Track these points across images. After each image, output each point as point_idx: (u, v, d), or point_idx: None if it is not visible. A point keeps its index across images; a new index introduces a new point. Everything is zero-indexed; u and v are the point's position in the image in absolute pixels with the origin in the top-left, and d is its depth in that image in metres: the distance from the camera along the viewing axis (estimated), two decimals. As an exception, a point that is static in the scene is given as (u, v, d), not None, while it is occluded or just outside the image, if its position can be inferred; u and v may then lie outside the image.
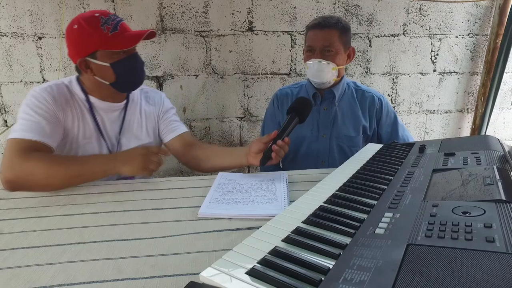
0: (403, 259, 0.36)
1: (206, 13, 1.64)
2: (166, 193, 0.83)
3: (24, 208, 0.75)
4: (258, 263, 0.41)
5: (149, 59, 1.64)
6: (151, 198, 0.80)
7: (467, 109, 2.09)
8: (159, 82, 1.70)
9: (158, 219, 0.69)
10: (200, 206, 0.74)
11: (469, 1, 1.89)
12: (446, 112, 2.07)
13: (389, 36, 1.85)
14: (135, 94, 1.09)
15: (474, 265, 0.33)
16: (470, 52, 1.98)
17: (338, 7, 1.75)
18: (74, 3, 1.53)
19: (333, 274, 0.36)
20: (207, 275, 0.39)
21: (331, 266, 0.40)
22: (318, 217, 0.54)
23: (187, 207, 0.75)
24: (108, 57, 0.92)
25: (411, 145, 1.00)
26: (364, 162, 0.88)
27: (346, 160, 1.24)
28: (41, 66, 1.59)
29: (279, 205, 0.74)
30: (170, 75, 1.70)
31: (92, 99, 0.99)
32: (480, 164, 0.68)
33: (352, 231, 0.48)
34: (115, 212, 0.72)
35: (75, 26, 0.91)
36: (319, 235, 0.48)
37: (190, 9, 1.62)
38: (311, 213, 0.56)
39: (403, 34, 1.86)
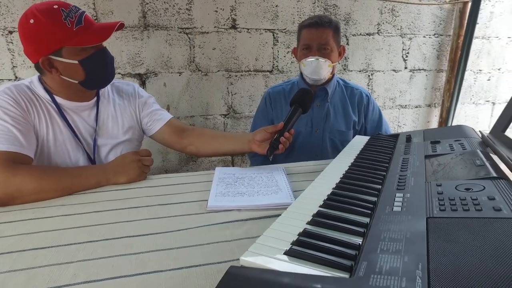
0: (427, 230, 0.40)
1: (190, 10, 1.63)
2: (168, 189, 0.83)
3: (19, 210, 0.72)
4: (292, 244, 0.44)
5: (131, 56, 1.60)
6: (154, 195, 0.79)
7: (435, 103, 2.25)
8: (142, 79, 1.65)
9: (167, 214, 0.69)
10: (205, 200, 0.75)
11: (434, 4, 2.04)
12: (416, 107, 2.22)
13: (364, 35, 1.95)
14: (106, 89, 1.02)
15: (489, 230, 0.38)
16: (436, 51, 2.14)
17: (318, 6, 1.82)
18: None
19: (368, 247, 0.39)
20: (247, 258, 0.40)
21: (359, 243, 0.43)
22: (334, 201, 0.57)
23: (193, 202, 0.75)
24: (76, 54, 0.85)
25: (395, 136, 1.07)
26: (358, 152, 0.93)
27: (338, 152, 1.29)
28: (12, 63, 1.48)
29: (284, 195, 0.76)
30: (153, 72, 1.66)
31: (59, 99, 0.92)
32: (466, 149, 0.76)
33: (368, 211, 0.52)
34: (120, 209, 0.71)
35: (32, 21, 0.81)
36: (340, 216, 0.51)
37: (173, 6, 1.60)
38: (326, 198, 0.59)
39: (377, 33, 1.97)
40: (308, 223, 0.50)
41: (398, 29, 2.00)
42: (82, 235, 0.60)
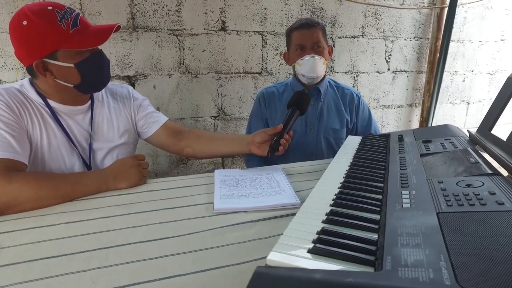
0: (440, 224, 0.43)
1: (179, 11, 1.61)
2: (170, 193, 0.82)
3: (17, 219, 0.69)
4: (313, 242, 0.45)
5: (120, 58, 1.56)
6: (157, 199, 0.79)
7: (415, 103, 2.36)
8: (131, 82, 1.62)
9: (175, 218, 0.69)
10: (210, 203, 0.76)
11: (414, 8, 2.14)
12: (399, 107, 2.31)
13: (350, 38, 2.01)
14: (100, 92, 1.00)
15: (496, 222, 0.42)
16: (416, 53, 2.24)
17: (305, 9, 1.86)
18: (32, -4, 1.39)
19: (389, 242, 0.41)
20: (274, 258, 0.42)
21: (375, 238, 0.46)
22: (343, 199, 0.60)
23: (198, 205, 0.76)
24: (71, 57, 0.83)
25: (386, 136, 1.12)
26: (354, 152, 0.96)
27: (332, 151, 1.34)
28: (-8, 65, 1.41)
29: (288, 195, 0.78)
30: (142, 74, 1.64)
31: (52, 103, 0.89)
32: (457, 147, 0.81)
33: (377, 209, 0.55)
34: (126, 215, 0.70)
35: (25, 22, 0.79)
36: (352, 214, 0.53)
37: (163, 7, 1.58)
38: (335, 197, 0.61)
39: (362, 36, 2.04)
40: (324, 221, 0.52)
41: (381, 32, 2.07)
42: (92, 242, 0.59)
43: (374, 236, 0.47)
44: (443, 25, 2.15)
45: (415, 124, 2.41)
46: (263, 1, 1.76)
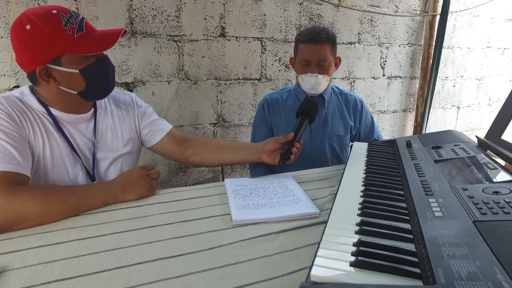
0: (481, 234, 0.43)
1: (179, 17, 1.59)
2: (182, 205, 0.79)
3: (22, 236, 0.65)
4: (353, 255, 0.44)
5: (118, 64, 1.53)
6: (169, 211, 0.76)
7: (409, 108, 2.40)
8: (129, 88, 1.58)
9: (192, 232, 0.66)
10: (227, 214, 0.74)
11: (407, 16, 2.19)
12: (394, 112, 2.35)
13: (346, 44, 2.03)
14: (103, 100, 0.97)
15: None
16: (410, 59, 2.28)
17: (303, 15, 1.87)
18: (27, 0, 1.34)
19: (433, 253, 0.40)
20: (318, 273, 0.40)
21: (413, 248, 0.45)
22: (369, 208, 0.59)
23: (214, 216, 0.73)
24: (76, 62, 0.80)
25: (391, 142, 1.13)
26: (364, 158, 0.96)
27: (336, 157, 1.34)
28: (-17, 72, 1.35)
29: (306, 205, 0.77)
30: (141, 81, 1.60)
31: (54, 111, 0.85)
32: (469, 153, 0.81)
33: (406, 217, 0.55)
34: (141, 229, 0.67)
35: (28, 27, 0.75)
36: (383, 224, 0.52)
37: (162, 13, 1.56)
38: (360, 206, 0.60)
39: (358, 42, 2.07)
40: (357, 232, 0.51)
41: (376, 38, 2.11)
42: (109, 260, 0.56)
43: (411, 246, 0.46)
44: (435, 32, 2.21)
45: (409, 129, 2.45)
46: (262, 8, 1.76)
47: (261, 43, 1.82)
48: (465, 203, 0.53)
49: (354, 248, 0.46)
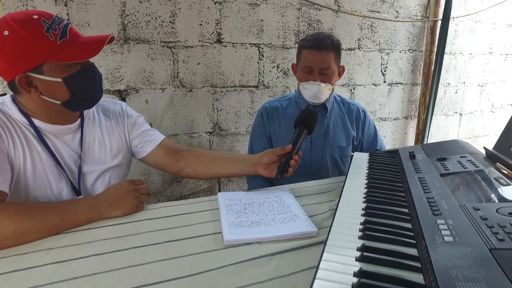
0: (500, 266, 0.37)
1: (173, 23, 1.56)
2: (171, 222, 0.74)
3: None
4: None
5: (110, 71, 1.48)
6: (157, 229, 0.70)
7: (411, 116, 2.35)
8: (122, 96, 1.54)
9: (182, 253, 0.61)
10: (218, 233, 0.68)
11: (408, 21, 2.15)
12: (395, 119, 2.30)
13: (346, 50, 1.99)
14: (91, 109, 0.92)
15: None
16: (411, 65, 2.24)
17: (302, 21, 1.83)
18: (15, 4, 1.31)
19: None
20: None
21: (421, 280, 0.40)
22: (372, 230, 0.53)
23: (205, 235, 0.68)
24: (59, 70, 0.75)
25: (393, 152, 1.07)
26: (365, 171, 0.91)
27: (337, 169, 1.29)
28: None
29: (303, 223, 0.71)
30: (134, 88, 1.55)
31: (37, 122, 0.81)
32: (478, 167, 0.76)
33: (413, 241, 0.49)
34: (124, 250, 0.62)
35: (6, 33, 0.71)
36: (387, 249, 0.47)
37: (156, 18, 1.52)
38: (361, 227, 0.55)
39: (358, 48, 2.03)
40: (358, 259, 0.45)
41: (376, 44, 2.07)
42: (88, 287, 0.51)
43: (419, 277, 0.41)
44: (437, 37, 2.17)
45: (411, 136, 2.40)
46: (259, 13, 1.72)
47: (259, 50, 1.78)
48: (478, 225, 0.48)
49: (355, 279, 0.41)
